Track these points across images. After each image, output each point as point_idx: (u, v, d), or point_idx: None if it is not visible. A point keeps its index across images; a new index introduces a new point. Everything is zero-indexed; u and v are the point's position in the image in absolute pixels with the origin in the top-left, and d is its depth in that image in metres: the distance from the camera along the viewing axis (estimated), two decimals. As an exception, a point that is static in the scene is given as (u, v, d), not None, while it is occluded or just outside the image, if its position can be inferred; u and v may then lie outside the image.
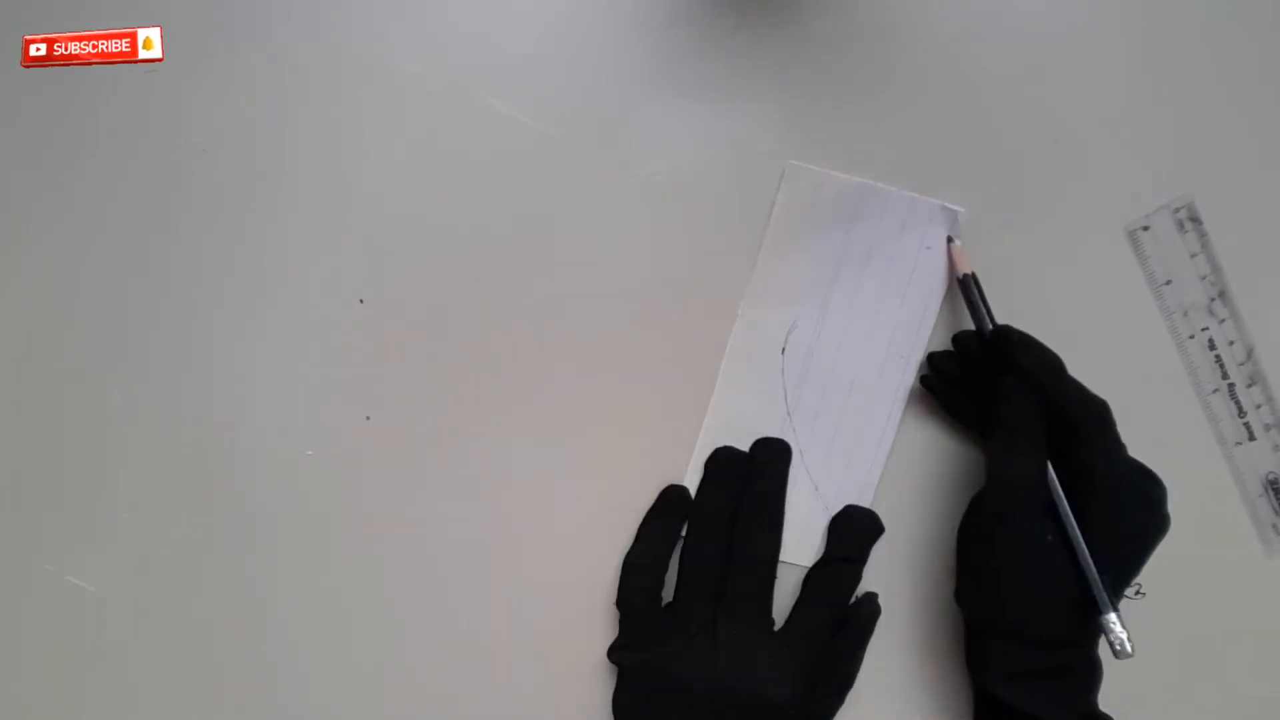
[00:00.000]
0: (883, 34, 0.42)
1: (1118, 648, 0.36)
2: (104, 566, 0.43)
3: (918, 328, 0.43)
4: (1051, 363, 0.39)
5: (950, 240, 0.42)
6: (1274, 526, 0.43)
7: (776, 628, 0.41)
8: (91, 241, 0.43)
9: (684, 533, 0.42)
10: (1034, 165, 0.43)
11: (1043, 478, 0.37)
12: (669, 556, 0.42)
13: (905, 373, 0.43)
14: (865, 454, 0.43)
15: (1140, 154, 0.43)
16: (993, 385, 0.39)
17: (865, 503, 0.43)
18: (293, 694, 0.43)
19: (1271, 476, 0.43)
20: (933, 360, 0.42)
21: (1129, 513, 0.37)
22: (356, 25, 0.42)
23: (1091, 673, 0.38)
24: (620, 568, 0.42)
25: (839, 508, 0.43)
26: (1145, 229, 0.43)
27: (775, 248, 0.42)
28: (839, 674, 0.41)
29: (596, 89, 0.42)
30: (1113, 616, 0.36)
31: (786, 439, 0.43)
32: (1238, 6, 0.42)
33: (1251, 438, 0.43)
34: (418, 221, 0.43)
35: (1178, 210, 0.43)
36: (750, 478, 0.42)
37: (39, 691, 0.43)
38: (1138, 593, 0.40)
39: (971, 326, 0.41)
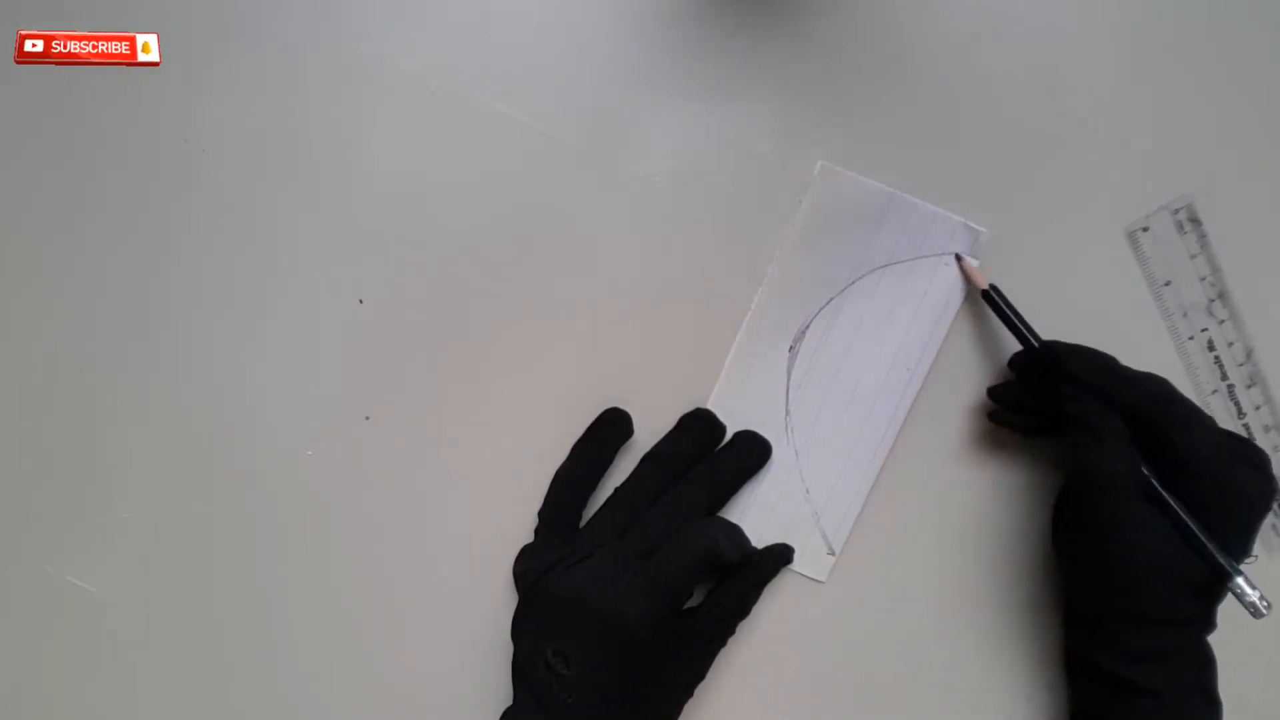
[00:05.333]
0: (882, 34, 0.42)
1: (1253, 610, 0.36)
2: (105, 567, 0.43)
3: (927, 340, 0.42)
4: (1103, 364, 0.39)
5: (959, 258, 0.42)
6: (1274, 527, 0.43)
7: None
8: (90, 242, 0.43)
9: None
10: (1034, 166, 0.42)
11: (1136, 464, 0.37)
12: (598, 477, 0.42)
13: (909, 384, 0.42)
14: (860, 461, 0.43)
15: (1140, 154, 0.43)
16: (1058, 394, 0.39)
17: (855, 511, 0.43)
18: (293, 693, 0.43)
19: (1271, 477, 0.43)
20: (994, 394, 0.42)
21: (1241, 487, 0.37)
22: (356, 25, 0.42)
23: (1208, 655, 0.38)
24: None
25: (828, 513, 0.43)
26: (1145, 230, 0.43)
27: (799, 245, 0.42)
28: (724, 604, 0.41)
29: (596, 89, 0.42)
30: (1240, 580, 0.36)
31: (783, 438, 0.43)
32: (1238, 7, 0.42)
33: (1251, 439, 0.43)
34: (417, 221, 0.43)
35: (1177, 211, 0.43)
36: (720, 453, 0.42)
37: (40, 692, 0.43)
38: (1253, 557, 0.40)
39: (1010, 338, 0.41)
